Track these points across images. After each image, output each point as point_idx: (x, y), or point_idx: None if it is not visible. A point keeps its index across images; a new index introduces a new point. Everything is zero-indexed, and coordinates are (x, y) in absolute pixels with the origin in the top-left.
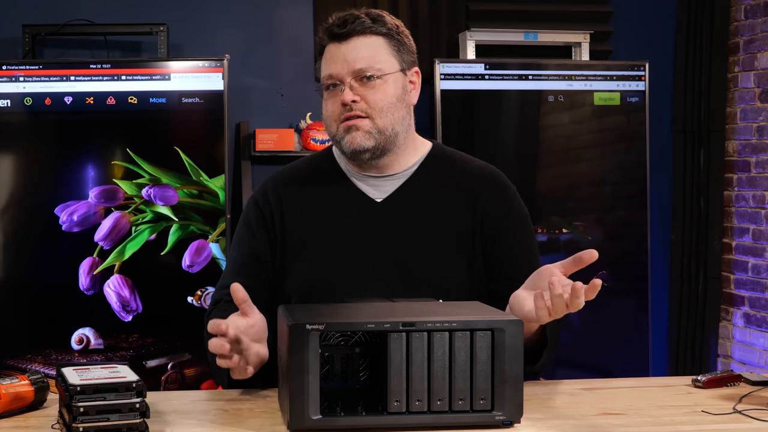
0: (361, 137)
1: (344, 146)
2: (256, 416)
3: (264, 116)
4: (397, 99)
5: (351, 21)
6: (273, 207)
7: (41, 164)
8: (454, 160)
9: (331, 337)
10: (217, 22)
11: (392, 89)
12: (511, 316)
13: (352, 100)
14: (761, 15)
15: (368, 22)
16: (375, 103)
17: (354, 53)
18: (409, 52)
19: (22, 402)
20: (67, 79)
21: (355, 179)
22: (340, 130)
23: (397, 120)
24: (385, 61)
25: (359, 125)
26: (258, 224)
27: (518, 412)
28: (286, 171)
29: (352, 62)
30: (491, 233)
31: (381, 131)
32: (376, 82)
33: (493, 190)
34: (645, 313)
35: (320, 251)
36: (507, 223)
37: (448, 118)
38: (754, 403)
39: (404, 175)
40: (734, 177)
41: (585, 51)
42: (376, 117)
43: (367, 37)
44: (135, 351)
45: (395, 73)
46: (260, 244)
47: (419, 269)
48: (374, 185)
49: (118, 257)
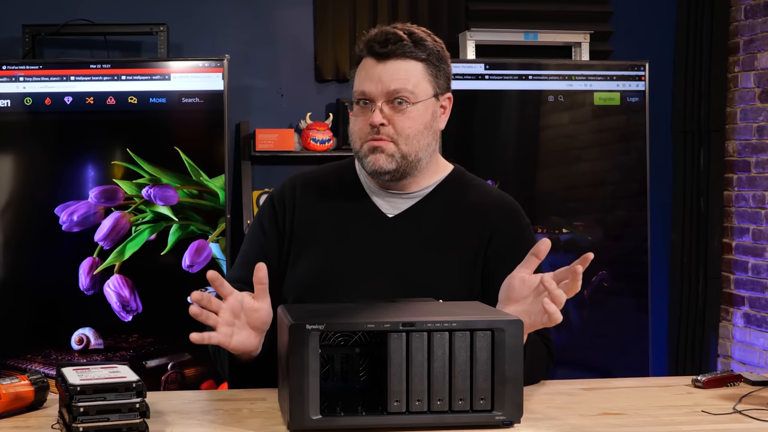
0: (384, 160)
1: (366, 165)
2: (256, 416)
3: (264, 116)
4: (424, 126)
5: (393, 42)
6: (287, 207)
7: (41, 164)
8: (471, 185)
9: (331, 337)
10: (217, 22)
11: (422, 116)
12: (511, 316)
13: (380, 124)
14: (761, 15)
15: (410, 46)
16: (402, 130)
17: (390, 75)
18: (446, 78)
19: (22, 402)
20: (67, 79)
21: (371, 193)
22: (365, 149)
23: (422, 147)
24: (419, 87)
25: (384, 147)
26: (270, 223)
27: (518, 412)
28: (308, 174)
29: (387, 84)
30: (495, 257)
31: (405, 156)
32: (407, 108)
33: (505, 218)
34: (645, 313)
35: (320, 255)
36: (514, 251)
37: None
38: (754, 403)
39: (419, 195)
40: (734, 177)
41: (585, 51)
42: (401, 143)
43: (407, 62)
44: (135, 351)
45: (427, 100)
46: (270, 242)
47: (419, 283)
48: (389, 201)
49: (118, 257)
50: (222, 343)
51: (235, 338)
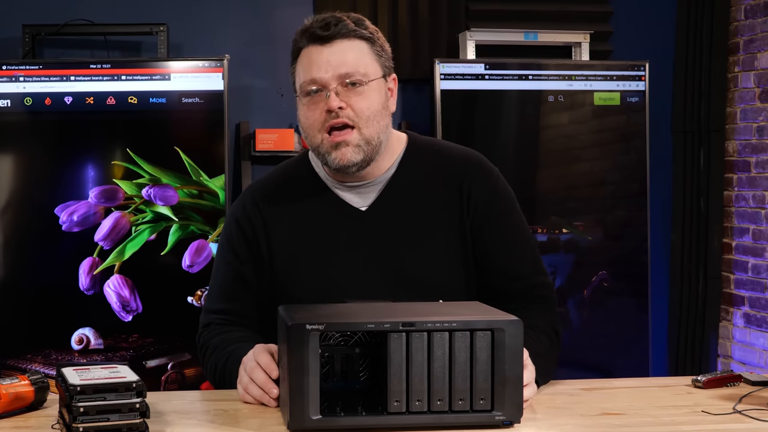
0: (351, 153)
1: (331, 162)
2: (256, 416)
3: (264, 116)
4: (381, 106)
5: (334, 23)
6: (255, 226)
7: (41, 164)
8: (432, 151)
9: (331, 337)
10: (217, 22)
11: (377, 96)
12: (511, 316)
13: (339, 107)
14: (761, 15)
15: (352, 26)
16: (362, 111)
17: (339, 57)
18: (388, 58)
19: (22, 402)
20: (67, 79)
21: (337, 189)
22: (326, 144)
23: (382, 128)
24: (369, 66)
25: (348, 140)
26: (239, 244)
27: (518, 412)
28: (262, 184)
29: (337, 66)
30: (479, 224)
31: (368, 141)
32: (362, 89)
33: (475, 178)
34: (645, 313)
35: (313, 266)
36: (493, 211)
37: (448, 118)
38: (754, 403)
39: (384, 179)
40: (734, 177)
41: (585, 51)
42: (363, 126)
43: (351, 41)
44: (135, 351)
45: (378, 80)
46: (244, 265)
47: (413, 273)
48: (357, 193)
49: (118, 257)
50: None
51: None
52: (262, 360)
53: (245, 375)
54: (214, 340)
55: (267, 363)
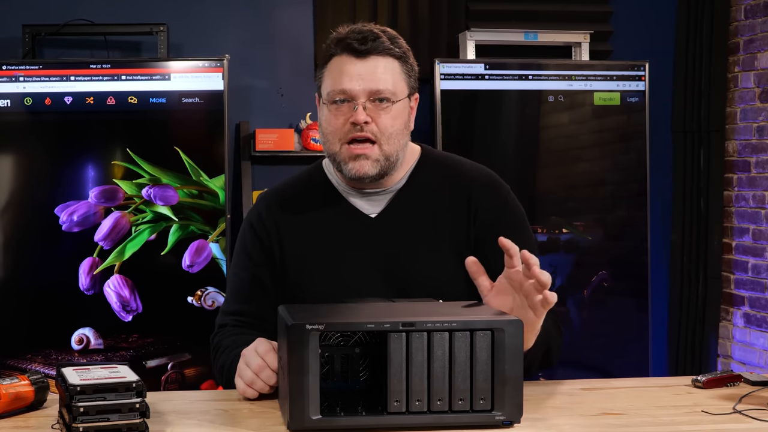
0: (369, 166)
1: (347, 171)
2: (256, 416)
3: (264, 116)
4: (404, 125)
5: (372, 39)
6: (269, 231)
7: (41, 164)
8: (444, 165)
9: (331, 337)
10: (217, 22)
11: (401, 115)
12: (511, 316)
13: (365, 121)
14: (761, 15)
15: (388, 43)
16: (386, 128)
17: (372, 73)
18: (415, 78)
19: (22, 402)
20: (67, 79)
21: (348, 196)
22: (344, 154)
23: (401, 146)
24: (398, 85)
25: (368, 154)
26: (255, 248)
27: (518, 412)
28: (278, 191)
29: (369, 82)
30: (484, 236)
31: (387, 158)
32: (389, 107)
33: (486, 192)
34: (645, 313)
35: (323, 272)
36: (499, 224)
37: (448, 118)
38: (754, 403)
39: (395, 188)
40: (734, 177)
41: (585, 51)
42: (384, 143)
43: (386, 59)
44: (135, 351)
45: (405, 99)
46: (259, 268)
47: (419, 279)
48: (368, 200)
49: (118, 257)
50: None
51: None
52: (260, 349)
53: (244, 366)
54: (225, 341)
55: (265, 351)
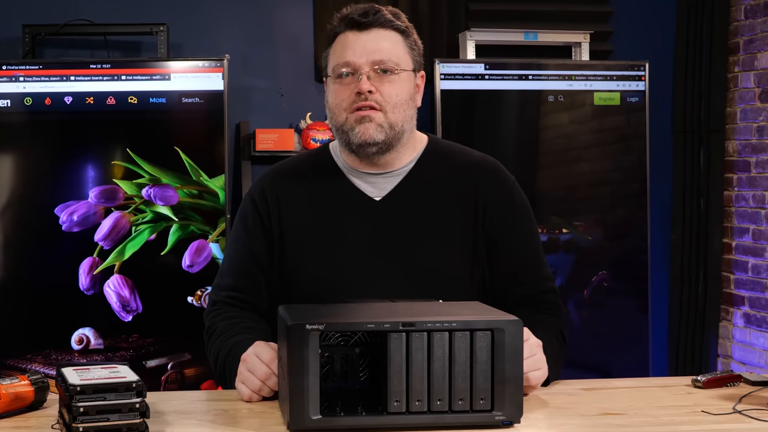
0: (373, 129)
1: (353, 137)
2: (256, 416)
3: (264, 116)
4: (409, 97)
5: (372, 12)
6: (270, 206)
7: (41, 164)
8: (451, 153)
9: (331, 337)
10: (217, 22)
11: (406, 86)
12: (511, 316)
13: (368, 90)
14: (761, 15)
15: (389, 16)
16: (390, 97)
17: (375, 44)
18: (420, 54)
19: (22, 402)
20: (67, 79)
21: (353, 177)
22: (351, 120)
23: (407, 118)
24: (401, 57)
25: (372, 117)
26: (255, 223)
27: (518, 412)
28: (282, 167)
29: (372, 52)
30: (493, 228)
31: (392, 126)
32: (393, 77)
33: (492, 183)
34: (645, 313)
35: (321, 252)
36: (508, 216)
37: (448, 118)
38: (754, 403)
39: (402, 172)
40: (734, 177)
41: (585, 51)
42: (389, 111)
43: (387, 31)
44: (135, 351)
45: (409, 72)
46: (257, 243)
47: (421, 266)
48: (372, 183)
49: (118, 257)
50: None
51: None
52: (264, 357)
53: (248, 373)
54: (221, 325)
55: (269, 360)
